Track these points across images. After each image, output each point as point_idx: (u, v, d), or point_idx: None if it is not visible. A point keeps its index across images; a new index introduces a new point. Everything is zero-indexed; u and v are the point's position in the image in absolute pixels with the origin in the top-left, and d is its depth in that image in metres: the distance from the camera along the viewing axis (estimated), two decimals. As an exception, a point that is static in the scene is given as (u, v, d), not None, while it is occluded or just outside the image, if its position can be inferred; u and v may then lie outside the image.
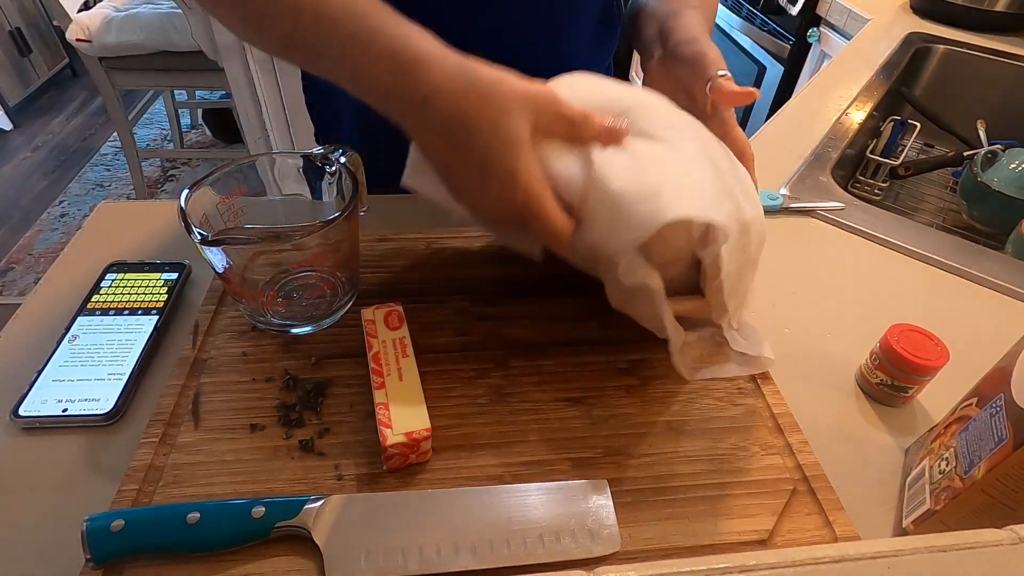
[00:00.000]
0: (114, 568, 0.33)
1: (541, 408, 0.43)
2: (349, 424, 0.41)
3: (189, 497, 0.36)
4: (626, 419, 0.42)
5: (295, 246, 0.41)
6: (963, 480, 0.34)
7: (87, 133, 2.57)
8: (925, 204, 0.90)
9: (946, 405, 0.40)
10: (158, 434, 0.39)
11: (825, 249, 0.63)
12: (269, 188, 0.48)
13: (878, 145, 0.90)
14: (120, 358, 0.45)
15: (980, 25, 1.13)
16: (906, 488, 0.40)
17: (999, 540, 0.24)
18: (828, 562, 0.23)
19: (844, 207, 0.67)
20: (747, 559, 0.23)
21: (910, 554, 0.24)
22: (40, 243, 2.00)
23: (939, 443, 0.38)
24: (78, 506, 0.35)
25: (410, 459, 0.38)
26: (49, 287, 0.52)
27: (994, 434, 0.32)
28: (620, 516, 0.36)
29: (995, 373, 0.36)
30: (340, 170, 0.45)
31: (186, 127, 2.54)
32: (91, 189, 2.26)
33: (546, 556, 0.34)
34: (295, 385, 0.43)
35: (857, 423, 0.45)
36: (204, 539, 0.33)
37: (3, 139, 2.49)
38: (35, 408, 0.41)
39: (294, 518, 0.34)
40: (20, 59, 2.57)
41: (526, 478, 0.38)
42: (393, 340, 0.42)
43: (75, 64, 2.87)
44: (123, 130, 1.85)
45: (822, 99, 0.90)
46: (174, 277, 0.51)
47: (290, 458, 0.39)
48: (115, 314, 0.48)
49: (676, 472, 0.39)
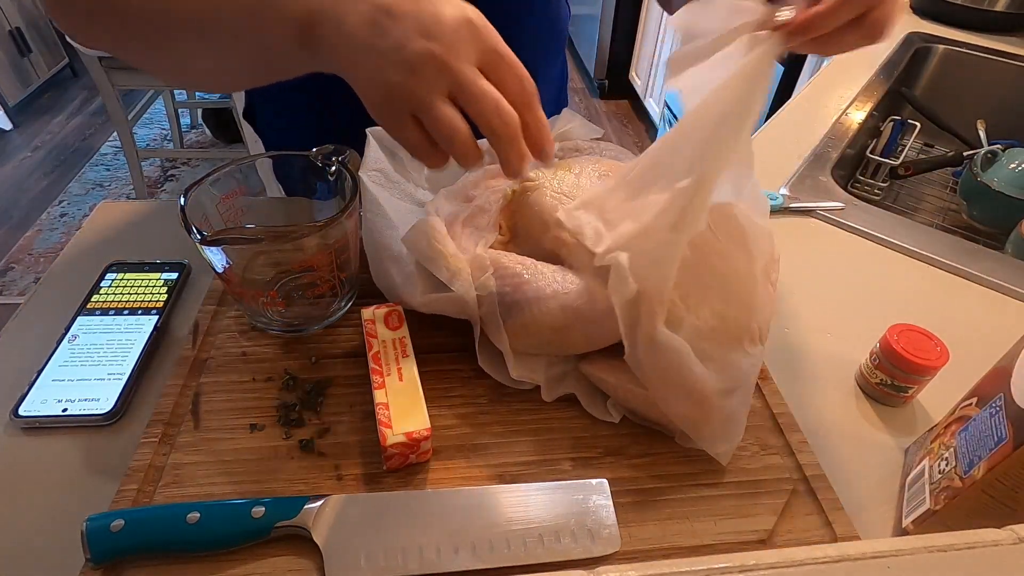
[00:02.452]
0: (114, 567, 0.33)
1: (541, 408, 0.43)
2: (349, 424, 0.41)
3: (189, 497, 0.36)
4: (625, 419, 0.42)
5: (295, 246, 0.41)
6: (963, 480, 0.34)
7: (87, 133, 2.57)
8: (925, 204, 0.90)
9: (946, 405, 0.40)
10: (158, 434, 0.39)
11: (825, 249, 0.63)
12: (269, 188, 0.48)
13: (878, 145, 0.90)
14: (120, 358, 0.45)
15: (980, 25, 1.13)
16: (906, 488, 0.40)
17: (999, 540, 0.24)
18: (828, 562, 0.23)
19: (844, 207, 0.67)
20: (747, 559, 0.23)
21: (910, 554, 0.24)
22: (40, 243, 2.00)
23: (939, 443, 0.38)
24: (78, 506, 0.35)
25: (410, 459, 0.38)
26: (49, 287, 0.52)
27: (994, 434, 0.32)
28: (620, 516, 0.36)
29: (995, 373, 0.36)
30: (339, 170, 0.45)
31: (186, 127, 2.53)
32: (91, 189, 2.26)
33: (546, 556, 0.34)
34: (295, 385, 0.43)
35: (857, 423, 0.45)
36: (204, 539, 0.33)
37: (3, 139, 2.49)
38: (35, 408, 0.41)
39: (294, 518, 0.34)
40: (20, 59, 2.56)
41: (526, 478, 0.38)
42: (393, 340, 0.42)
43: (75, 64, 2.87)
44: (123, 130, 1.85)
45: (822, 99, 0.90)
46: (174, 277, 0.51)
47: (290, 458, 0.39)
48: (115, 314, 0.48)
49: (676, 472, 0.39)
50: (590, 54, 2.76)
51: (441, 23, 0.31)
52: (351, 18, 0.32)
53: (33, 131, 2.55)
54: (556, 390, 0.43)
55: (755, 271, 0.42)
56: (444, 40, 0.31)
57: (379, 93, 0.33)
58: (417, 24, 0.31)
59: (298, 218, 0.49)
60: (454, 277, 0.41)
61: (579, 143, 0.55)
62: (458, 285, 0.41)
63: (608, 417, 0.42)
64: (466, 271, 0.41)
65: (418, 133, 0.33)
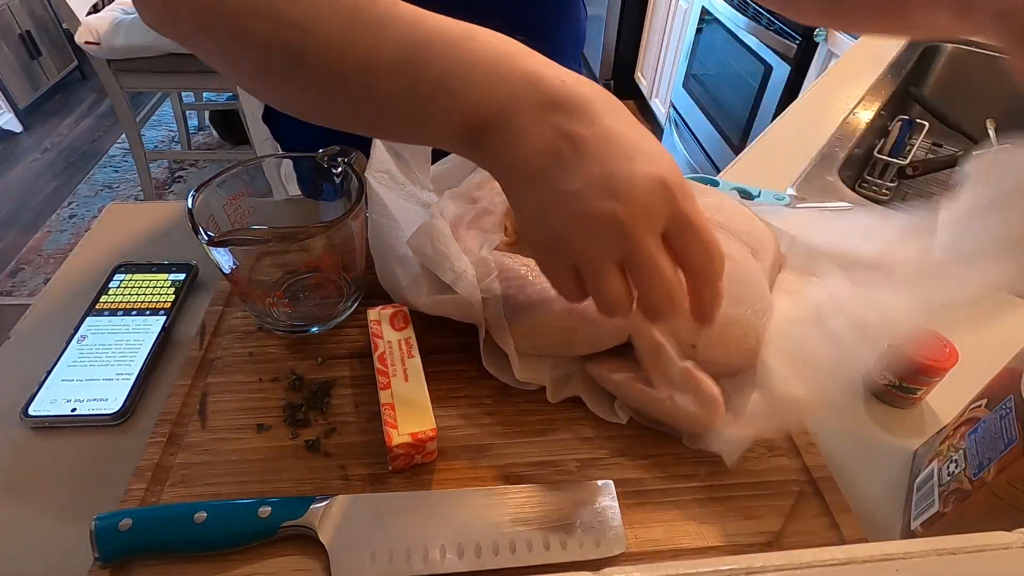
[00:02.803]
0: (122, 566, 0.33)
1: (546, 408, 0.43)
2: (355, 424, 0.41)
3: (196, 496, 0.37)
4: (632, 420, 0.42)
5: (301, 247, 0.41)
6: (972, 482, 0.33)
7: (96, 135, 2.59)
8: (934, 204, 0.89)
9: (955, 407, 0.40)
10: (165, 434, 0.39)
11: (832, 249, 0.62)
12: (275, 189, 0.48)
13: (886, 145, 0.90)
14: (128, 358, 0.45)
15: (989, 23, 1.12)
16: (915, 490, 0.40)
17: (1009, 543, 0.24)
18: (835, 564, 0.23)
19: (851, 207, 0.66)
20: (754, 561, 0.23)
21: (918, 556, 0.23)
22: (49, 244, 2.02)
23: (948, 445, 0.38)
24: (86, 505, 0.35)
25: (415, 459, 0.38)
26: (58, 288, 0.52)
27: (1004, 436, 0.32)
28: (626, 517, 0.36)
29: (1005, 374, 0.36)
30: (345, 171, 0.45)
31: (193, 129, 2.55)
32: (100, 190, 2.28)
33: (551, 557, 0.34)
34: (301, 385, 0.43)
35: (865, 424, 0.45)
36: (211, 538, 0.33)
37: (13, 141, 2.51)
38: (44, 408, 0.41)
39: (300, 518, 0.34)
40: (30, 62, 2.59)
41: (531, 479, 0.38)
42: (398, 340, 0.42)
43: (84, 66, 2.89)
44: (131, 132, 1.87)
45: (829, 98, 0.90)
46: (181, 278, 0.52)
47: (296, 458, 0.39)
48: (123, 314, 0.48)
49: (682, 473, 0.39)
50: (596, 54, 2.76)
51: (632, 184, 0.27)
52: (531, 139, 0.28)
53: (43, 133, 2.58)
54: (562, 391, 0.43)
55: (763, 270, 0.42)
56: (632, 205, 0.27)
57: (543, 235, 0.29)
58: (606, 176, 0.27)
59: (304, 219, 0.50)
60: (459, 279, 0.41)
61: None
62: (463, 287, 0.41)
63: (614, 418, 0.42)
64: (471, 273, 0.41)
65: (573, 282, 0.30)
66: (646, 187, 0.27)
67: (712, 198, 0.46)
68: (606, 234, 0.27)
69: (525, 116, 0.28)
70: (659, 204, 0.27)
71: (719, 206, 0.45)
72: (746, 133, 1.73)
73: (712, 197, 0.46)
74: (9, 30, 2.46)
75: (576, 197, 0.27)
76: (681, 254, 0.29)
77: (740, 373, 0.42)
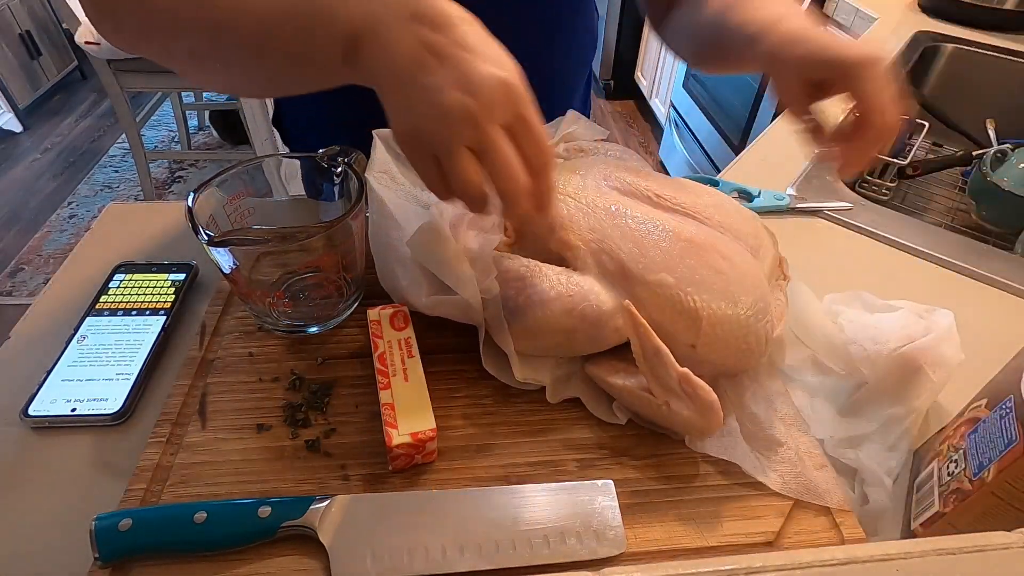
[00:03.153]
0: (122, 567, 0.33)
1: (546, 409, 0.43)
2: (355, 424, 0.41)
3: (196, 496, 0.37)
4: (631, 421, 0.42)
5: (301, 247, 0.41)
6: (972, 482, 0.34)
7: (96, 135, 2.59)
8: (934, 204, 0.89)
9: (955, 406, 0.40)
10: (165, 434, 0.39)
11: (832, 249, 0.62)
12: (275, 189, 0.48)
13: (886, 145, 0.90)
14: (128, 358, 0.45)
15: (989, 24, 1.13)
16: (915, 490, 0.40)
17: (1009, 543, 0.24)
18: (835, 564, 0.23)
19: (852, 207, 0.66)
20: (754, 561, 0.23)
21: (918, 556, 0.23)
22: (49, 244, 2.02)
23: (948, 444, 0.38)
24: (86, 505, 0.35)
25: (415, 459, 0.38)
26: (58, 288, 0.52)
27: (1004, 436, 0.32)
28: (625, 517, 0.36)
29: (1005, 374, 0.36)
30: (345, 171, 0.45)
31: (193, 129, 2.55)
32: (99, 190, 2.28)
33: (551, 557, 0.34)
34: (301, 385, 0.43)
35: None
36: (211, 538, 0.33)
37: (13, 141, 2.51)
38: (44, 408, 0.41)
39: (300, 518, 0.34)
40: (30, 62, 2.59)
41: (531, 479, 0.38)
42: (398, 340, 0.42)
43: (84, 66, 2.89)
44: (131, 132, 1.87)
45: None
46: (181, 278, 0.52)
47: (296, 458, 0.39)
48: (123, 314, 0.48)
49: (682, 473, 0.39)
50: (596, 54, 2.76)
51: (482, 81, 0.32)
52: (398, 47, 0.33)
53: (43, 133, 2.58)
54: (562, 392, 0.43)
55: (763, 270, 0.42)
56: (480, 98, 0.32)
57: (407, 127, 0.34)
58: (459, 74, 0.32)
59: (304, 219, 0.50)
60: (458, 280, 0.41)
61: (584, 144, 0.55)
62: (463, 288, 0.41)
63: (613, 419, 0.42)
64: (470, 274, 0.41)
65: (435, 171, 0.34)
66: (493, 85, 0.32)
67: (712, 198, 0.46)
68: (457, 121, 0.32)
69: (393, 26, 0.33)
70: (504, 100, 0.32)
71: (719, 206, 0.45)
72: (746, 133, 1.73)
73: (712, 197, 0.46)
74: (9, 30, 2.46)
75: (435, 90, 0.32)
76: (519, 147, 0.34)
77: (739, 374, 0.42)
